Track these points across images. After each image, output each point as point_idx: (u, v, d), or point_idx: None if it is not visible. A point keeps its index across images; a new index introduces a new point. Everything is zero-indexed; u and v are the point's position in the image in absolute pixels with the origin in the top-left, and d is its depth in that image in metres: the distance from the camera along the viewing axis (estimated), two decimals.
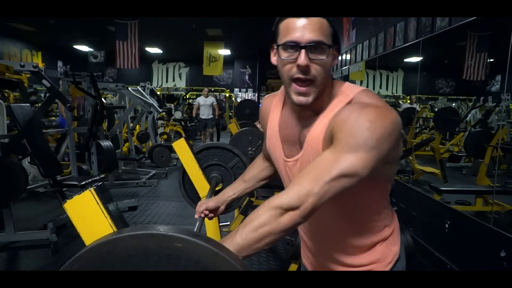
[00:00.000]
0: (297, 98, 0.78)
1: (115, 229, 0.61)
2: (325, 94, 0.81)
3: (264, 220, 0.69)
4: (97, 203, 0.61)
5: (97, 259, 0.52)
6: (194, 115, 8.67)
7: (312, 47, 0.75)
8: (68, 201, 0.61)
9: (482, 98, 7.19)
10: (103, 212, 0.60)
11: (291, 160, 0.89)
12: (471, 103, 7.91)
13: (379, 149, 0.71)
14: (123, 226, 0.64)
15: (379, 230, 0.90)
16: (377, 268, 0.89)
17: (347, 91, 0.81)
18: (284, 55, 0.77)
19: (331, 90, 0.83)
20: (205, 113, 8.20)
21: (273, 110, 0.95)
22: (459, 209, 2.74)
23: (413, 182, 3.99)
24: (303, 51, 0.74)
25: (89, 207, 0.60)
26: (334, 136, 0.74)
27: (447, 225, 2.51)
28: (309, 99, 0.78)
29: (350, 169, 0.70)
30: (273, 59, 0.85)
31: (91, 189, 0.61)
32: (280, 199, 0.70)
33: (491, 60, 5.41)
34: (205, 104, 8.19)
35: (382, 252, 0.90)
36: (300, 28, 0.75)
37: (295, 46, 0.75)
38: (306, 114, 0.84)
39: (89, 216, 0.60)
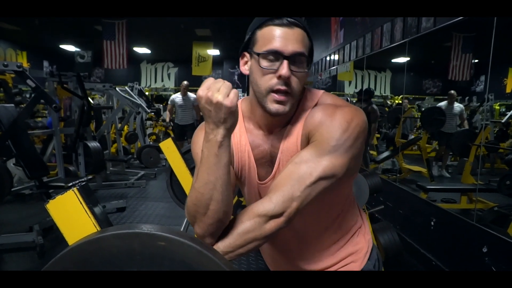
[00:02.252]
0: (274, 106, 0.75)
1: (99, 229, 0.60)
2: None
3: (248, 227, 0.70)
4: (81, 203, 0.60)
5: (80, 259, 0.52)
6: (168, 119, 6.34)
7: (294, 59, 0.74)
8: (50, 201, 0.60)
9: (467, 98, 7.33)
10: (86, 212, 0.60)
11: (266, 181, 0.85)
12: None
13: (356, 147, 0.74)
14: (107, 226, 0.64)
15: (354, 221, 0.93)
16: (357, 260, 0.91)
17: (311, 95, 0.83)
18: (264, 64, 0.74)
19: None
20: (183, 117, 5.80)
21: (235, 132, 0.85)
22: (444, 207, 2.79)
23: (400, 181, 4.05)
24: (285, 61, 0.72)
25: (73, 207, 0.60)
26: (311, 138, 0.76)
27: (432, 223, 2.55)
28: (286, 108, 0.76)
29: (330, 170, 0.72)
30: (243, 68, 0.81)
31: (74, 189, 0.61)
32: (264, 206, 0.71)
33: (476, 60, 5.52)
34: (183, 105, 5.82)
35: (359, 242, 0.93)
36: (283, 37, 0.73)
37: (277, 56, 0.73)
38: (276, 128, 0.83)
39: (72, 216, 0.60)
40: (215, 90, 0.66)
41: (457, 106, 5.30)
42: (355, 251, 0.91)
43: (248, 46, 0.79)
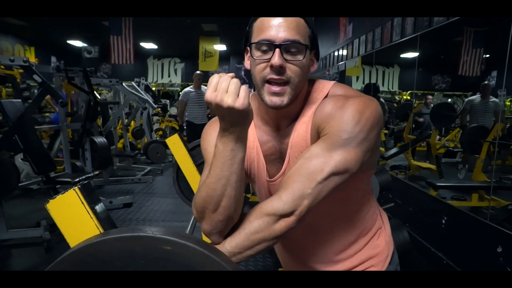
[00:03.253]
0: (270, 99, 0.72)
1: (102, 230, 0.57)
2: (300, 97, 0.77)
3: (257, 227, 0.67)
4: (82, 202, 0.57)
5: (81, 263, 0.49)
6: (181, 120, 5.12)
7: (288, 47, 0.70)
8: (51, 201, 0.57)
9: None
10: (88, 212, 0.57)
11: (275, 178, 0.82)
12: (467, 99, 7.92)
13: (369, 139, 0.69)
14: (110, 227, 0.61)
15: (373, 220, 0.88)
16: (377, 264, 0.86)
17: (321, 87, 0.79)
18: (256, 54, 0.72)
19: (305, 91, 0.79)
20: (197, 115, 4.90)
21: None
22: (455, 204, 2.73)
23: (409, 178, 3.99)
24: (277, 50, 0.69)
25: (74, 207, 0.57)
26: (321, 132, 0.71)
27: (443, 221, 2.50)
28: (284, 100, 0.72)
29: (343, 165, 0.68)
30: (247, 63, 0.78)
31: (75, 188, 0.58)
32: (272, 204, 0.67)
33: (487, 55, 5.40)
34: (197, 100, 4.85)
35: (379, 245, 0.88)
36: (275, 26, 0.70)
37: (269, 44, 0.70)
38: (283, 123, 0.79)
39: (73, 216, 0.57)
40: (223, 91, 0.62)
41: (493, 101, 4.40)
42: (375, 254, 0.86)
43: (247, 41, 0.77)
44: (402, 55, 7.34)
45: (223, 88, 0.63)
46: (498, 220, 2.36)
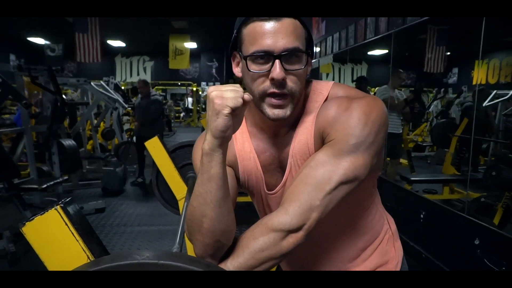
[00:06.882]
0: (273, 112, 0.66)
1: (90, 255, 0.50)
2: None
3: (262, 245, 0.61)
4: (66, 224, 0.49)
5: None
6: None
7: (288, 56, 0.64)
8: (27, 223, 0.49)
9: (442, 89, 7.51)
10: (73, 235, 0.49)
11: (276, 190, 0.77)
12: (431, 95, 8.24)
13: (377, 142, 0.66)
14: (98, 249, 0.54)
15: (381, 225, 0.84)
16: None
17: (319, 89, 0.73)
18: (253, 67, 0.65)
19: (303, 94, 0.73)
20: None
21: (237, 137, 0.78)
22: (430, 198, 2.81)
23: (386, 173, 4.07)
24: (277, 61, 0.63)
25: (56, 229, 0.49)
26: (326, 137, 0.67)
27: (421, 215, 2.55)
28: (287, 111, 0.67)
29: (352, 173, 0.64)
30: (236, 70, 0.72)
31: (58, 207, 0.50)
32: (279, 219, 0.62)
33: (448, 53, 5.61)
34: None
35: (388, 251, 0.84)
36: (271, 33, 0.63)
37: (267, 56, 0.63)
38: (282, 130, 0.74)
39: (55, 241, 0.49)
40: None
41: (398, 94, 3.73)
42: (384, 262, 0.82)
43: (236, 46, 0.69)
44: (370, 53, 7.51)
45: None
46: (470, 211, 2.44)
